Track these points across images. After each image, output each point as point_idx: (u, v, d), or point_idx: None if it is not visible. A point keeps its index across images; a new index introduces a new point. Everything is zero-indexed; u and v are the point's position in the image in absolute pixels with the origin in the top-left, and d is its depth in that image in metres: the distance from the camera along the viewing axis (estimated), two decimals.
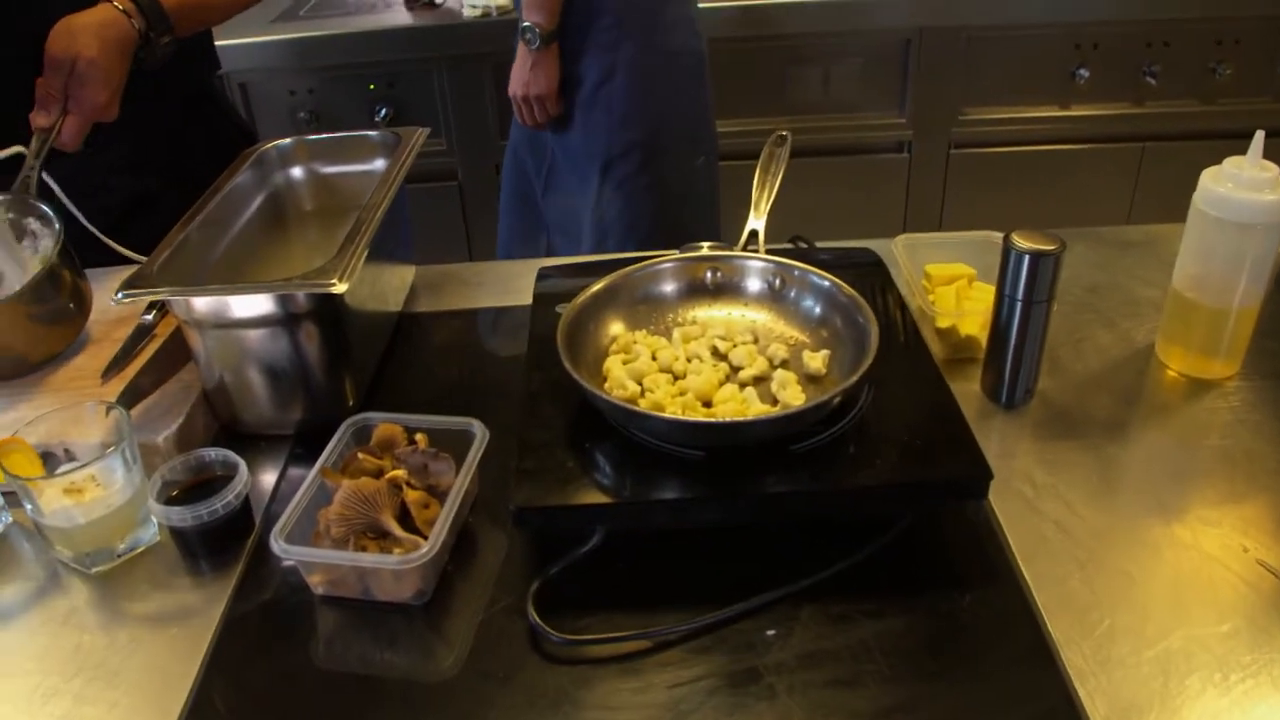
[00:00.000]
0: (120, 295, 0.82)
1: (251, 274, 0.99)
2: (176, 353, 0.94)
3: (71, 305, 0.95)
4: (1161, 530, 0.75)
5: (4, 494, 0.84)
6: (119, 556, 0.79)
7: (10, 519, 0.84)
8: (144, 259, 1.08)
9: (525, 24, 1.53)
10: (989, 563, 0.73)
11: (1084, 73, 2.10)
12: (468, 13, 2.05)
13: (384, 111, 2.11)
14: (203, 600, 0.75)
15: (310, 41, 2.04)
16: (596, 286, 0.84)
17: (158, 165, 1.17)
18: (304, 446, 0.89)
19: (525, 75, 1.57)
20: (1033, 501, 0.78)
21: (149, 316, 0.99)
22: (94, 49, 1.00)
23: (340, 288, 0.79)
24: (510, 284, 1.13)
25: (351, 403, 0.90)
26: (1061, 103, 2.15)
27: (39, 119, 0.99)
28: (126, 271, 1.05)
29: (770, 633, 0.68)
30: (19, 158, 0.99)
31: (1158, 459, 0.83)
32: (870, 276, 0.91)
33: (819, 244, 1.04)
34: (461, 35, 2.06)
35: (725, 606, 0.69)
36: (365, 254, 0.84)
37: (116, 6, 1.03)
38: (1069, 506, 0.77)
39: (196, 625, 0.73)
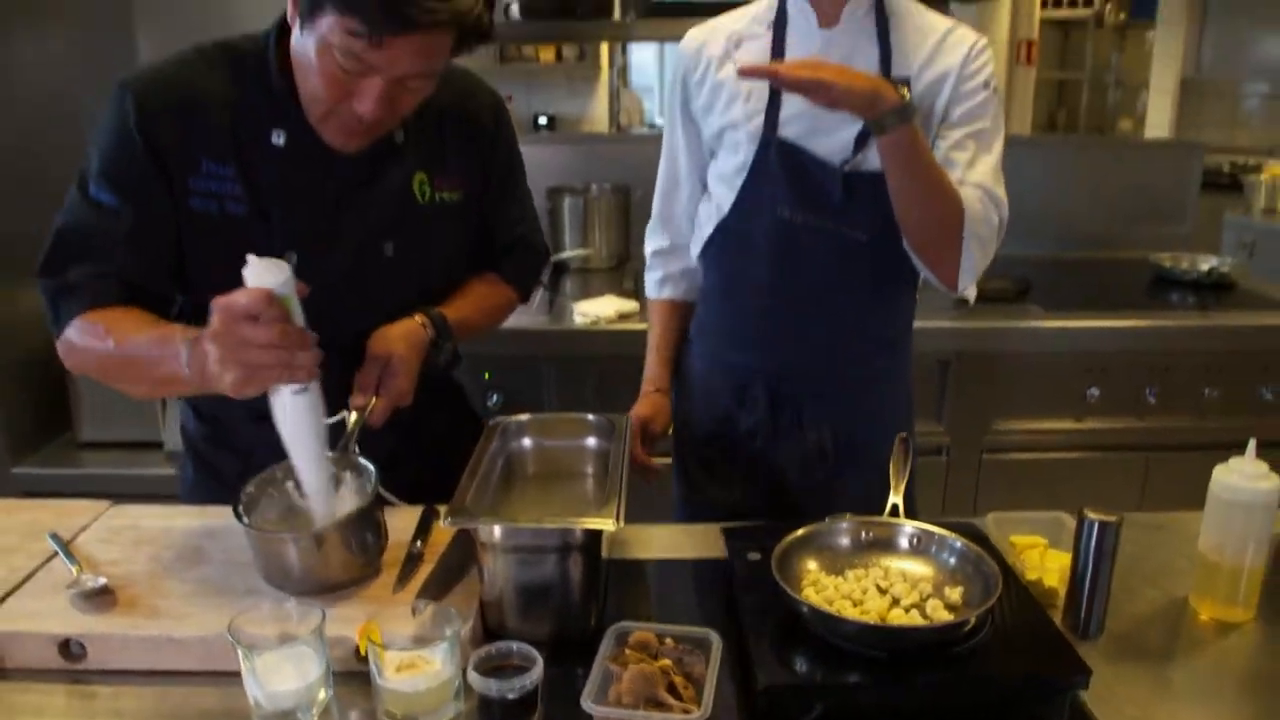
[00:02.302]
0: (448, 521, 1.16)
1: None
2: (445, 575, 1.27)
3: (377, 538, 1.29)
4: None
5: (334, 672, 1.14)
6: None
7: (332, 693, 1.14)
8: (399, 501, 1.44)
9: (901, 107, 1.39)
10: None
11: (1095, 392, 2.56)
12: (579, 320, 2.50)
13: (495, 398, 2.52)
14: None
15: None
16: (799, 533, 1.20)
17: (412, 432, 1.53)
18: (553, 651, 1.20)
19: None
20: (1115, 704, 1.09)
21: (418, 544, 1.32)
22: (403, 349, 1.40)
23: (614, 526, 1.14)
24: (662, 541, 1.48)
25: (593, 621, 1.22)
26: (1077, 416, 2.60)
27: (358, 400, 1.37)
28: (399, 510, 1.40)
29: None
30: (342, 422, 1.36)
31: (1205, 679, 1.16)
32: (976, 541, 1.26)
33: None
34: (570, 340, 2.50)
35: None
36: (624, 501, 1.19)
37: (417, 320, 1.45)
38: (1142, 708, 1.09)
39: None
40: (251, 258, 1.18)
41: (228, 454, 1.54)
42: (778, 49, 1.60)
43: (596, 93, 5.71)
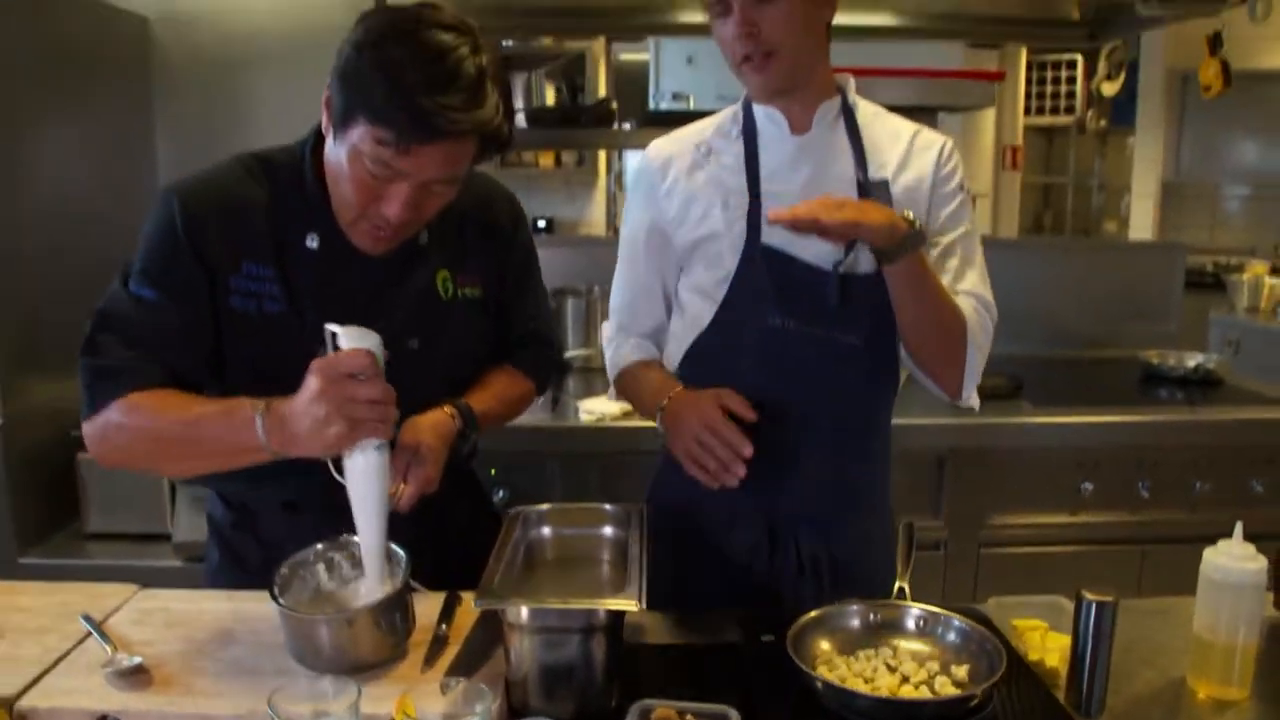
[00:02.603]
0: (480, 602, 1.23)
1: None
2: (471, 656, 1.33)
3: (405, 621, 1.35)
4: None
5: None
6: None
7: None
8: (424, 589, 1.49)
9: (913, 235, 1.44)
10: None
11: (1088, 486, 2.64)
12: (584, 418, 2.58)
13: (502, 493, 2.58)
14: None
15: None
16: (811, 615, 1.27)
17: (435, 520, 1.59)
18: None
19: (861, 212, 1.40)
20: None
21: (443, 627, 1.38)
22: (431, 439, 1.47)
23: (637, 607, 1.21)
24: (671, 626, 1.53)
25: (614, 701, 1.27)
26: (1071, 510, 2.68)
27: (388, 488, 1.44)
28: (422, 596, 1.46)
29: None
30: None
31: None
32: (979, 622, 1.33)
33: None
34: (575, 437, 2.58)
35: None
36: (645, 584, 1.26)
37: (446, 411, 1.53)
38: None
39: None
40: (338, 328, 1.31)
41: (253, 541, 1.61)
42: (751, 157, 1.62)
43: (594, 197, 5.91)
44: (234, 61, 2.90)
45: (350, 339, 1.30)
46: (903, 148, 1.62)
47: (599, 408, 2.59)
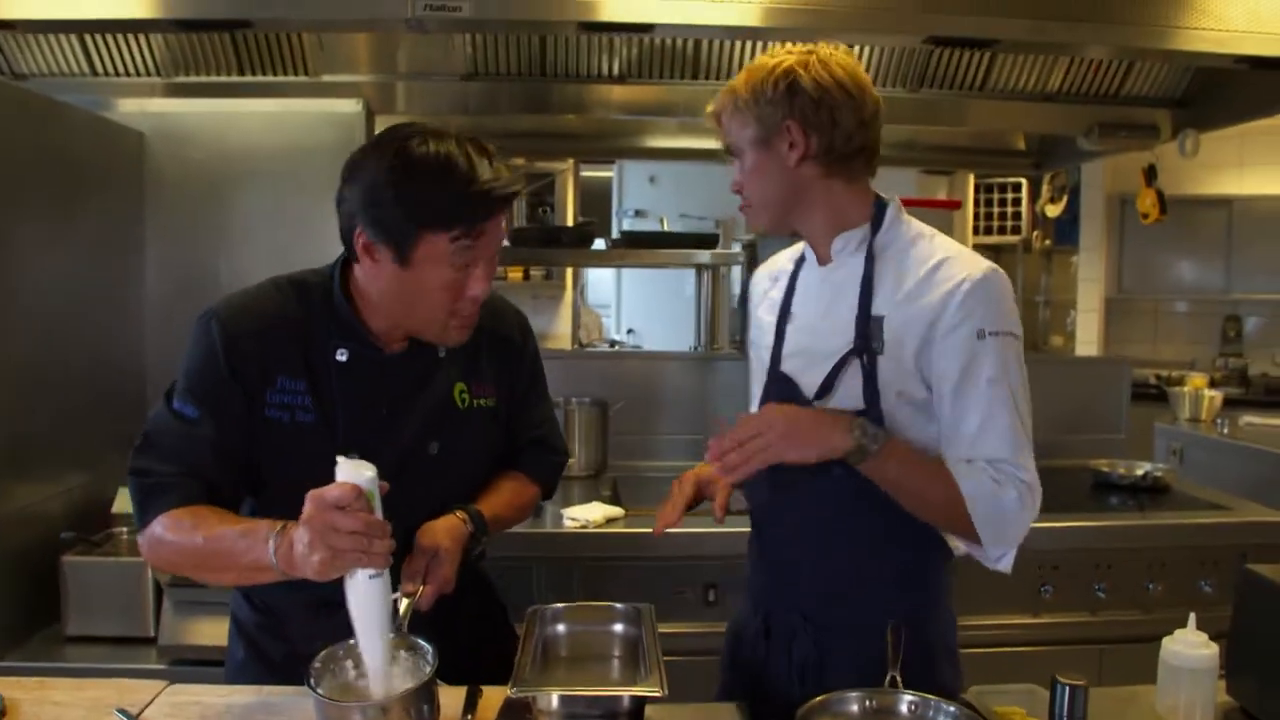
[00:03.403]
0: (514, 690, 1.35)
1: None
2: None
3: (433, 711, 1.45)
4: None
5: None
6: None
7: None
8: (444, 684, 1.60)
9: (854, 449, 1.49)
10: None
11: (1048, 589, 2.81)
12: (568, 524, 2.72)
13: None
14: None
15: None
16: (815, 701, 1.41)
17: (450, 617, 1.68)
18: None
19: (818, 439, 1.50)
20: None
21: (469, 718, 1.49)
22: (447, 542, 1.61)
23: (661, 692, 1.34)
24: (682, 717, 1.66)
25: None
26: (1033, 612, 2.85)
27: (408, 587, 1.56)
28: (442, 689, 1.57)
29: None
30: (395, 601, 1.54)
31: None
32: (965, 707, 1.48)
33: None
34: (559, 541, 2.72)
35: None
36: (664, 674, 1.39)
37: (459, 517, 1.67)
38: None
39: None
40: (341, 458, 1.41)
41: (278, 640, 1.71)
42: (791, 286, 1.76)
43: (560, 311, 6.10)
44: (224, 177, 3.04)
45: (344, 471, 1.39)
46: (916, 278, 1.57)
47: (584, 514, 2.73)
